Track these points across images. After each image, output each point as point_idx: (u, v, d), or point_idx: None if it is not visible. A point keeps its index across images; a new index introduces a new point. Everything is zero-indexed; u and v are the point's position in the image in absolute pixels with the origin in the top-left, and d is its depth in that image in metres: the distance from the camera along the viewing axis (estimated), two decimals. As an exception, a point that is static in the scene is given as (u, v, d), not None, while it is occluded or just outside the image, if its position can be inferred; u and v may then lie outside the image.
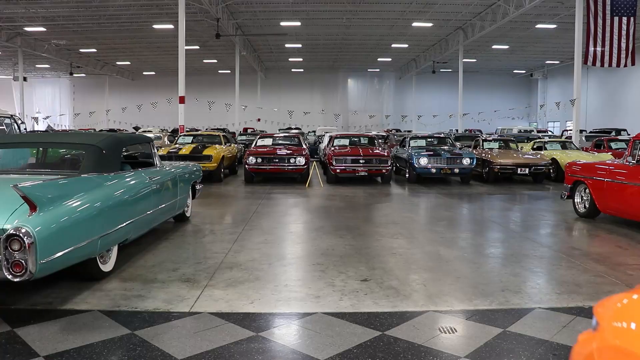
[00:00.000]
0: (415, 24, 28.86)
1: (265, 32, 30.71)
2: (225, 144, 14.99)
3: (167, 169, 6.70)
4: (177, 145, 14.32)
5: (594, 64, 17.02)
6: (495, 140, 16.17)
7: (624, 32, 16.56)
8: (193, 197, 7.94)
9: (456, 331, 3.61)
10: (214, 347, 3.31)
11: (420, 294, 4.44)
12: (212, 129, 25.87)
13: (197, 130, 26.41)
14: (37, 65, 42.27)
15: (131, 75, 49.64)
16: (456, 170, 13.14)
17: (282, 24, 28.20)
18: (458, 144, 15.73)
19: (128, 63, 43.18)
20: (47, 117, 40.68)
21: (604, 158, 11.43)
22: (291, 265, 5.40)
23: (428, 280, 4.83)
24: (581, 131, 21.54)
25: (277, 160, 13.05)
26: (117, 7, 24.99)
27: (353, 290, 4.48)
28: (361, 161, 12.99)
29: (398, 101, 50.12)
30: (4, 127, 11.10)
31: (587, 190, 8.16)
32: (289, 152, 13.37)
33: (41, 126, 35.32)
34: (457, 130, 32.77)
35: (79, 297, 4.23)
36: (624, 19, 16.51)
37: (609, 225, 7.72)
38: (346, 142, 15.40)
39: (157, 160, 6.52)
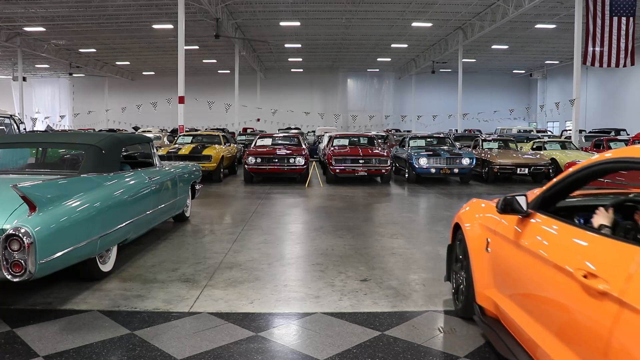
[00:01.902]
0: (414, 24, 28.88)
1: (265, 32, 30.71)
2: (224, 144, 15.00)
3: (167, 169, 6.69)
4: (176, 145, 14.32)
5: (592, 64, 17.04)
6: (494, 140, 16.19)
7: (623, 32, 16.57)
8: (192, 197, 7.94)
9: (456, 331, 3.62)
10: (213, 347, 3.31)
11: (420, 294, 4.45)
12: (211, 129, 25.86)
13: (196, 130, 26.41)
14: (36, 65, 42.26)
15: (131, 75, 49.63)
16: (456, 170, 13.14)
17: (282, 24, 28.21)
18: (457, 144, 15.74)
19: (127, 63, 43.18)
20: (47, 117, 40.65)
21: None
22: (291, 265, 5.40)
23: (427, 280, 4.84)
24: (580, 131, 21.56)
25: (276, 160, 13.05)
26: (116, 7, 24.99)
27: (353, 290, 4.48)
28: (360, 161, 12.99)
29: (397, 101, 50.12)
30: (4, 127, 11.10)
31: (586, 190, 8.16)
32: (288, 152, 13.37)
33: (39, 126, 35.23)
34: (456, 130, 32.79)
35: (78, 297, 4.23)
36: (623, 19, 16.52)
37: (608, 225, 7.71)
38: (345, 142, 15.40)
39: (156, 160, 6.52)
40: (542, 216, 2.81)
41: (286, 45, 35.23)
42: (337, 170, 13.03)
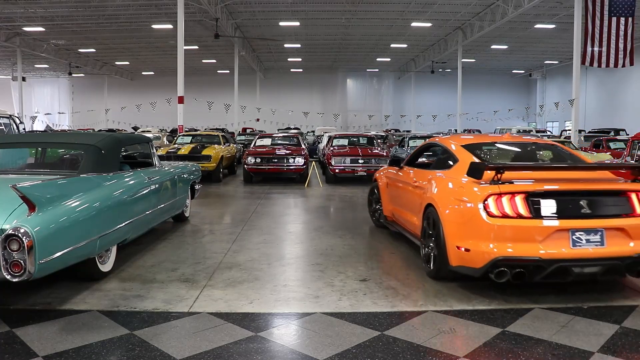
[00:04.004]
0: (414, 24, 28.88)
1: (264, 32, 30.71)
2: (224, 144, 14.99)
3: (166, 169, 6.69)
4: (176, 145, 14.31)
5: (591, 64, 17.02)
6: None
7: (622, 33, 16.56)
8: (192, 197, 7.94)
9: (455, 331, 3.62)
10: (213, 347, 3.31)
11: (419, 293, 4.45)
12: (211, 129, 25.85)
13: (196, 130, 26.39)
14: (36, 65, 42.22)
15: (130, 75, 49.59)
16: (455, 170, 13.15)
17: (281, 24, 28.19)
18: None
19: (127, 63, 43.15)
20: (47, 114, 40.59)
21: (603, 158, 11.43)
22: (290, 265, 5.40)
23: (427, 280, 4.84)
24: (580, 131, 21.56)
25: (276, 160, 13.06)
26: (116, 7, 24.98)
27: (352, 290, 4.49)
28: (360, 161, 13.00)
29: (397, 101, 50.12)
30: (3, 127, 11.09)
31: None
32: (288, 152, 13.37)
33: (38, 126, 35.15)
34: (455, 130, 32.81)
35: (78, 297, 4.23)
36: (622, 20, 16.52)
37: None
38: (345, 142, 15.40)
39: (156, 160, 6.52)
40: (407, 167, 6.13)
41: (286, 45, 35.20)
42: (337, 170, 13.03)
